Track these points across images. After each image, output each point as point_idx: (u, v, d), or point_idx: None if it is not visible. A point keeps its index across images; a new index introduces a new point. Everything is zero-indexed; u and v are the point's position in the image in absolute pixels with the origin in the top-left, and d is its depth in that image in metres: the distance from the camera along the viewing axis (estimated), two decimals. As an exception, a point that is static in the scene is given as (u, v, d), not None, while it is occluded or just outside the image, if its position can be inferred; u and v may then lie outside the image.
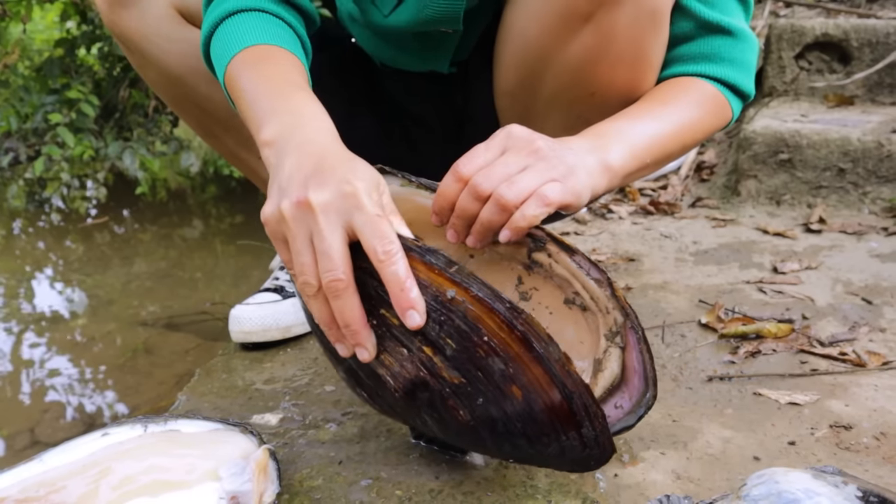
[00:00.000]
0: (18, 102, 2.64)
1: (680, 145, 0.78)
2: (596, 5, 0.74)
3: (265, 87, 0.67)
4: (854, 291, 1.15)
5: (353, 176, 0.57)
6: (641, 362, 0.61)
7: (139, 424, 0.72)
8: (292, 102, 0.66)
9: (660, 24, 0.78)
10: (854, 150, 1.50)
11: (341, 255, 0.55)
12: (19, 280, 2.11)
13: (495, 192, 0.62)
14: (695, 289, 1.19)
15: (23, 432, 1.24)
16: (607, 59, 0.79)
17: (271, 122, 0.64)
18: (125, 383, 1.41)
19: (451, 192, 0.64)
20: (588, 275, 0.62)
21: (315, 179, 0.57)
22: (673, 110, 0.79)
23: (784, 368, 0.93)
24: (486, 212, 0.63)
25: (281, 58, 0.71)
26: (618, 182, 0.71)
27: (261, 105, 0.66)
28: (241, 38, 0.73)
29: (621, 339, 0.62)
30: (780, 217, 1.53)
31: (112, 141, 2.55)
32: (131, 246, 2.41)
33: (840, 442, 0.77)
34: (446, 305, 0.53)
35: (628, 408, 0.63)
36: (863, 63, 1.75)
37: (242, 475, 0.66)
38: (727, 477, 0.72)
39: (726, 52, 0.82)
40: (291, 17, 0.78)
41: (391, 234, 0.55)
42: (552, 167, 0.64)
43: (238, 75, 0.71)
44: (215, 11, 0.77)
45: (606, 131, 0.73)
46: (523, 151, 0.64)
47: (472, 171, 0.63)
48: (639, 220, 1.59)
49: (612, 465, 0.74)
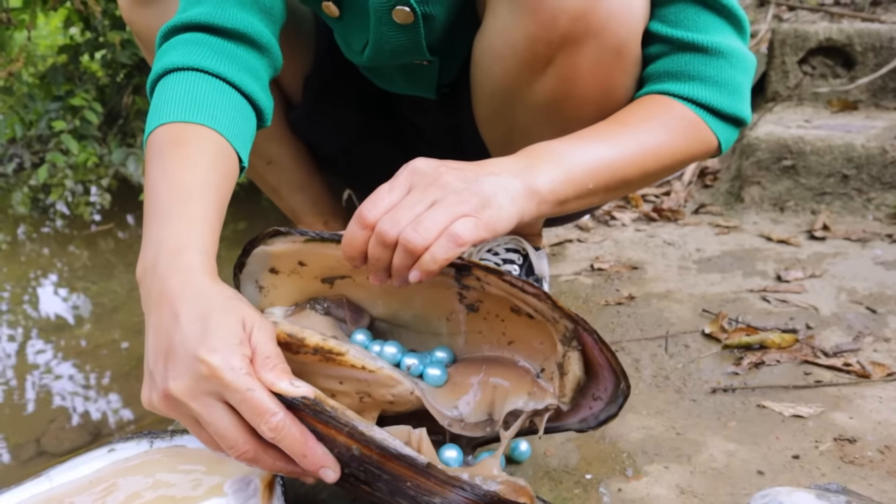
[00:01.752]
0: (23, 109, 2.65)
1: (640, 172, 0.72)
2: (555, 49, 0.72)
3: (156, 194, 0.64)
4: (858, 300, 1.15)
5: (206, 350, 0.53)
6: (605, 358, 0.61)
7: (145, 440, 0.72)
8: (169, 226, 0.62)
9: (626, 58, 0.74)
10: (858, 157, 1.50)
11: (234, 431, 0.55)
12: (24, 287, 2.12)
13: (400, 237, 0.57)
14: (698, 297, 1.19)
15: (29, 442, 1.25)
16: (573, 99, 0.76)
17: (144, 250, 0.62)
18: (130, 392, 1.41)
19: (359, 240, 0.60)
20: (524, 291, 0.61)
21: (171, 364, 0.55)
22: (633, 133, 0.72)
23: (788, 380, 0.93)
24: (396, 258, 0.58)
25: (190, 147, 0.67)
26: (550, 208, 0.66)
27: (147, 216, 0.64)
28: (163, 108, 0.69)
29: (577, 341, 0.62)
30: (784, 224, 1.53)
31: (116, 147, 2.56)
32: (135, 252, 2.42)
33: (844, 455, 0.77)
34: (357, 458, 0.57)
35: (607, 398, 0.63)
36: (867, 68, 1.75)
37: (247, 491, 0.66)
38: (731, 492, 0.72)
39: (697, 69, 0.75)
40: (237, 70, 0.73)
41: (268, 405, 0.53)
42: (463, 200, 0.59)
43: (150, 158, 0.67)
44: (160, 62, 0.73)
45: (541, 153, 0.67)
46: (431, 187, 0.59)
47: (377, 216, 0.59)
48: (642, 226, 1.59)
49: (616, 479, 0.74)
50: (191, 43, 0.73)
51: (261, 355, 0.56)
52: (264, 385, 0.54)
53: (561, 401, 0.64)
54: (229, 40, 0.74)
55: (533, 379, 0.67)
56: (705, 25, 0.74)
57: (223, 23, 0.73)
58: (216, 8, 0.73)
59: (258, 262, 0.71)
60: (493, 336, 0.70)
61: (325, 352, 0.63)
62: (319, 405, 0.55)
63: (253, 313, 0.59)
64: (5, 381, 1.50)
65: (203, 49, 0.72)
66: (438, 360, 0.71)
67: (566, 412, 0.66)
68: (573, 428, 0.66)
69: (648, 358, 1.00)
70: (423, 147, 1.04)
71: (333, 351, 0.63)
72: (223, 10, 0.73)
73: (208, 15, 0.73)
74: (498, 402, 0.67)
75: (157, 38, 0.76)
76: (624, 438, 0.81)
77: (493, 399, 0.67)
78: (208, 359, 0.53)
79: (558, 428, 0.67)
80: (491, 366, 0.69)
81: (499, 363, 0.69)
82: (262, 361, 0.56)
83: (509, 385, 0.67)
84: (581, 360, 0.63)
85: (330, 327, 0.70)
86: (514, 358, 0.69)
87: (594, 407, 0.65)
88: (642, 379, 0.95)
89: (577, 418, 0.66)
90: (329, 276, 0.72)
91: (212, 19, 0.73)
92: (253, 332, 0.57)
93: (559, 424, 0.67)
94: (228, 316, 0.56)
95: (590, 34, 0.71)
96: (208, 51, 0.72)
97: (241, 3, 0.74)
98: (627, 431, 0.82)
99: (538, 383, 0.66)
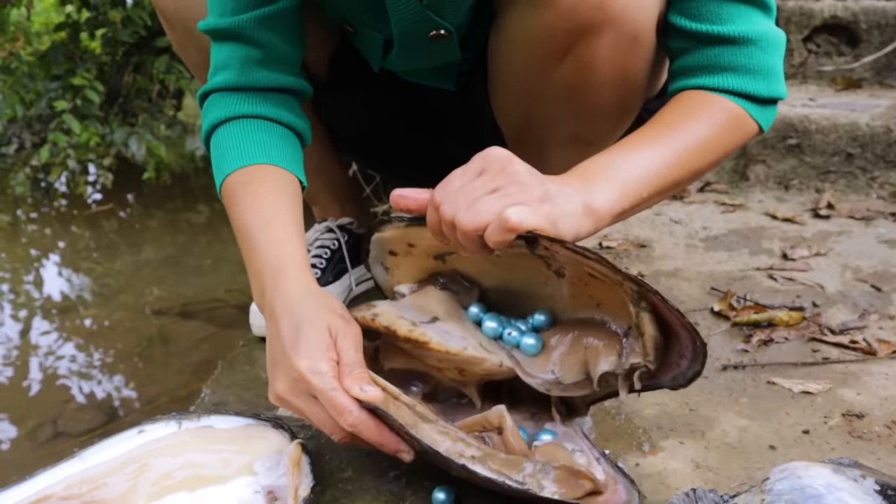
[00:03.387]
0: (22, 89, 2.64)
1: (689, 171, 0.73)
2: (574, 38, 0.73)
3: (244, 233, 0.76)
4: (863, 278, 1.17)
5: (297, 357, 0.64)
6: (678, 317, 0.63)
7: (173, 421, 0.73)
8: (262, 257, 0.73)
9: (643, 44, 0.75)
10: (862, 135, 1.51)
11: (330, 422, 0.64)
12: (28, 268, 2.13)
13: (455, 219, 0.62)
14: (706, 276, 1.21)
15: (46, 424, 1.27)
16: (591, 86, 0.77)
17: (253, 282, 0.75)
18: (143, 373, 1.43)
19: (433, 220, 0.66)
20: (586, 257, 0.63)
21: (276, 370, 0.67)
22: (678, 133, 0.72)
23: (796, 357, 0.95)
24: (459, 237, 0.63)
25: (257, 186, 0.77)
26: (606, 223, 0.68)
27: (244, 252, 0.76)
28: (224, 160, 0.80)
29: (646, 303, 0.64)
30: (789, 202, 1.54)
31: (118, 127, 2.55)
32: (138, 232, 2.42)
33: (853, 430, 0.79)
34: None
35: (690, 355, 0.65)
36: (871, 46, 1.75)
37: (277, 469, 0.68)
38: (745, 466, 0.74)
39: (729, 60, 0.74)
40: (271, 107, 0.82)
41: (346, 404, 0.62)
42: (524, 191, 0.61)
43: (230, 204, 0.79)
44: (206, 119, 0.83)
45: (594, 170, 0.69)
46: (498, 175, 0.62)
47: (444, 198, 0.63)
48: (647, 205, 1.60)
49: (633, 454, 0.76)
50: (226, 97, 0.82)
51: (343, 361, 0.65)
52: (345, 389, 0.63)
53: (647, 360, 0.66)
54: (258, 93, 0.83)
55: (620, 339, 0.69)
56: (729, 15, 0.74)
57: (248, 84, 0.82)
58: (240, 75, 0.82)
59: (377, 247, 0.80)
60: (582, 299, 0.72)
61: (413, 341, 0.71)
62: (379, 409, 0.63)
63: (338, 321, 0.68)
64: (18, 363, 1.51)
65: (238, 99, 0.82)
66: (538, 321, 0.75)
67: (659, 371, 0.67)
68: (667, 385, 0.68)
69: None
70: (442, 132, 1.05)
71: (419, 340, 0.70)
72: (246, 75, 0.82)
73: (233, 82, 0.82)
74: (591, 363, 0.70)
75: (197, 99, 0.86)
76: (639, 415, 0.83)
77: (587, 359, 0.70)
78: (299, 365, 0.64)
79: (654, 386, 0.69)
80: (584, 328, 0.72)
81: (591, 325, 0.72)
82: (343, 368, 0.64)
83: (601, 345, 0.70)
84: (653, 321, 0.64)
85: (447, 301, 0.77)
86: (604, 319, 0.71)
87: (681, 364, 0.66)
88: (654, 357, 0.96)
89: (669, 376, 0.67)
90: (439, 253, 0.78)
91: (238, 84, 0.82)
92: (338, 339, 0.66)
93: (654, 382, 0.68)
94: (316, 325, 0.67)
95: (607, 22, 0.71)
96: (243, 99, 0.82)
97: (262, 63, 0.82)
98: (642, 408, 0.84)
99: (626, 343, 0.68)
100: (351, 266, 1.14)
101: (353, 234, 1.16)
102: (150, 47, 2.66)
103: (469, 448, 0.64)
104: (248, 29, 0.81)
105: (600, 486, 0.63)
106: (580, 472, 0.63)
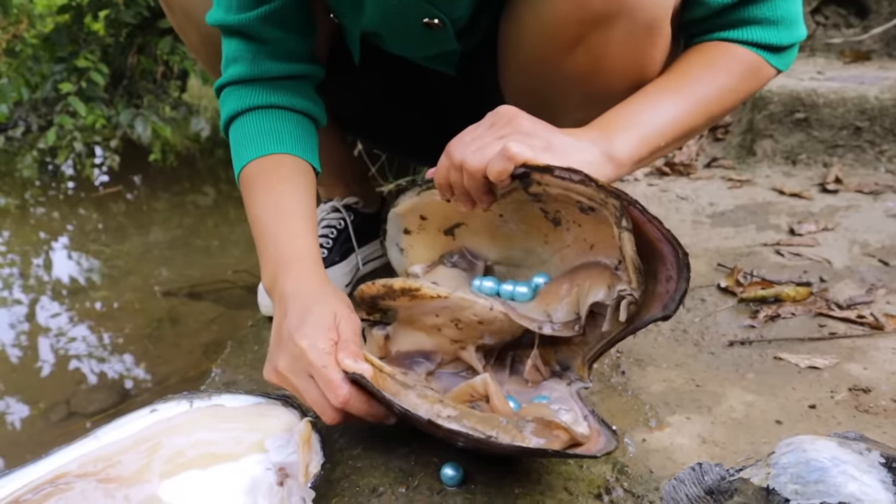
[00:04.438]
0: (27, 72, 2.63)
1: (706, 118, 0.76)
2: (587, 27, 0.73)
3: (259, 222, 0.79)
4: (871, 253, 1.16)
5: (300, 336, 0.69)
6: (656, 227, 0.63)
7: (185, 400, 0.74)
8: (277, 246, 0.78)
9: (658, 35, 0.75)
10: (871, 109, 1.50)
11: (322, 401, 0.68)
12: (37, 250, 2.14)
13: (463, 160, 0.67)
14: (713, 252, 1.20)
15: (59, 404, 1.28)
16: (604, 75, 0.77)
17: (264, 269, 0.78)
18: (153, 353, 1.44)
19: (442, 168, 0.70)
20: (572, 180, 0.64)
21: (279, 347, 0.71)
22: (696, 83, 0.76)
23: (803, 332, 0.95)
24: (466, 180, 0.68)
25: (278, 177, 0.81)
26: (627, 170, 0.71)
27: (257, 240, 0.80)
28: (241, 150, 0.83)
29: (626, 220, 0.64)
30: (796, 177, 1.54)
31: (123, 109, 2.55)
32: (146, 214, 2.43)
33: (859, 405, 0.79)
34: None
35: (675, 274, 0.64)
36: (881, 17, 1.73)
37: (288, 447, 0.69)
38: (751, 440, 0.74)
39: (750, 14, 0.76)
40: (284, 95, 0.84)
41: (339, 381, 0.66)
42: (528, 138, 0.66)
43: (246, 194, 0.82)
44: (223, 111, 0.85)
45: (614, 120, 0.72)
46: (506, 126, 0.68)
47: (455, 146, 0.69)
48: (654, 181, 1.59)
49: (640, 429, 0.77)
50: (240, 89, 0.85)
51: (342, 340, 0.69)
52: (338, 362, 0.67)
53: (631, 287, 0.66)
54: (270, 82, 0.85)
55: (612, 273, 0.70)
56: None
57: (260, 75, 0.84)
58: (251, 67, 0.83)
59: (393, 225, 0.84)
60: (578, 246, 0.75)
61: (407, 290, 0.75)
62: (363, 379, 0.66)
63: (342, 307, 0.72)
64: (30, 345, 1.53)
65: (251, 91, 0.84)
66: (537, 284, 0.78)
67: (649, 304, 0.67)
68: (658, 317, 0.67)
69: (666, 313, 1.02)
70: (447, 113, 1.04)
71: (412, 288, 0.75)
72: (257, 66, 0.84)
73: (245, 74, 0.84)
74: (582, 299, 0.71)
75: (214, 91, 0.88)
76: (645, 391, 0.84)
77: (578, 298, 0.72)
78: (300, 343, 0.68)
79: (647, 321, 0.69)
80: (578, 271, 0.74)
81: (585, 268, 0.74)
82: (341, 344, 0.69)
83: (592, 281, 0.71)
84: (632, 240, 0.64)
85: (456, 278, 0.81)
86: (597, 259, 0.73)
87: (669, 288, 0.66)
88: (661, 333, 0.97)
89: (659, 307, 0.67)
90: (448, 227, 0.82)
91: (250, 76, 0.84)
92: (340, 323, 0.71)
93: (648, 318, 0.68)
94: (322, 309, 0.71)
95: (622, 12, 0.71)
96: (257, 90, 0.84)
97: (272, 55, 0.84)
98: (649, 384, 0.85)
99: (616, 276, 0.69)
100: (357, 245, 1.14)
101: (359, 214, 1.16)
102: (153, 28, 2.65)
103: (446, 409, 0.67)
104: (253, 28, 0.82)
105: (578, 437, 0.64)
106: (553, 423, 0.64)
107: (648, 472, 0.70)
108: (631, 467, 0.70)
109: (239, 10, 0.82)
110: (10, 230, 2.31)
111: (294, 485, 0.64)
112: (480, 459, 0.71)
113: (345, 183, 1.17)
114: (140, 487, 0.65)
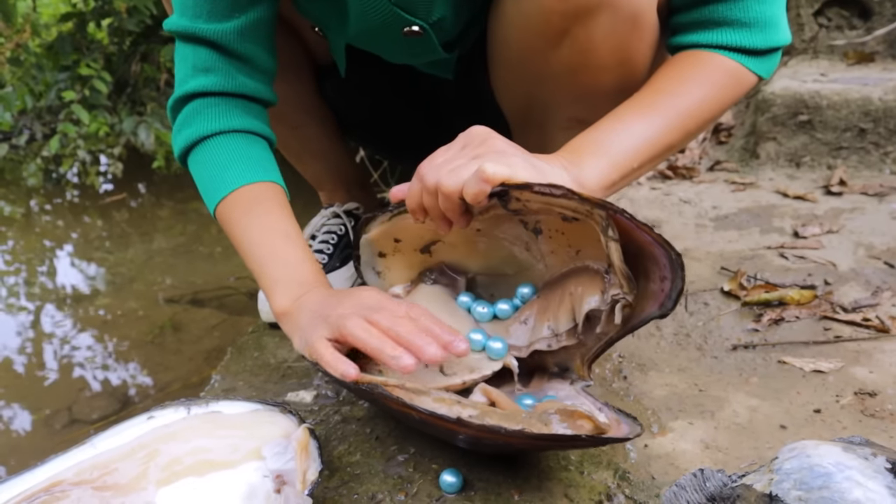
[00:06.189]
0: (31, 80, 2.65)
1: (682, 133, 0.73)
2: (570, 20, 0.72)
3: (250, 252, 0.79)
4: (876, 255, 1.15)
5: (310, 334, 0.70)
6: (648, 233, 0.62)
7: (182, 407, 0.74)
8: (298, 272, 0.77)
9: (643, 26, 0.74)
10: (875, 110, 1.49)
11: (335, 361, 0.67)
12: (42, 258, 2.14)
13: (438, 182, 0.64)
14: (716, 255, 1.20)
15: (61, 411, 1.28)
16: (590, 69, 0.76)
17: (278, 292, 0.76)
18: (155, 360, 1.44)
19: (415, 192, 0.68)
20: (553, 196, 0.63)
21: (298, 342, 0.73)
22: (671, 99, 0.72)
23: (808, 336, 0.94)
24: (441, 203, 0.66)
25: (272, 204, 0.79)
26: (600, 196, 0.68)
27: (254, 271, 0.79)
28: (222, 178, 0.80)
29: (612, 230, 0.63)
30: (800, 179, 1.52)
31: (126, 116, 2.55)
32: (149, 222, 2.43)
33: (865, 409, 0.78)
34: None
35: (670, 274, 0.63)
36: (884, 18, 1.72)
37: (285, 454, 0.68)
38: (755, 446, 0.73)
39: (723, 14, 0.73)
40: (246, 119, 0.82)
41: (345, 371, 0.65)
42: (503, 158, 0.63)
43: (227, 228, 0.81)
44: (187, 130, 0.82)
45: (583, 145, 0.70)
46: (480, 147, 0.65)
47: (427, 169, 0.66)
48: (657, 184, 1.59)
49: (642, 435, 0.76)
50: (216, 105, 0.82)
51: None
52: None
53: (623, 291, 0.65)
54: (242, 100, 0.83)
55: (602, 277, 0.69)
56: None
57: (236, 91, 0.82)
58: (227, 80, 0.81)
59: (366, 250, 0.82)
60: (563, 253, 0.73)
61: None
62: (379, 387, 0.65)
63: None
64: (33, 352, 1.53)
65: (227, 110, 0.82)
66: (524, 295, 0.78)
67: (645, 304, 0.66)
68: (656, 315, 0.66)
69: (669, 316, 1.01)
70: (444, 117, 1.04)
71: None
72: (233, 80, 0.82)
73: (221, 86, 0.81)
74: (577, 306, 0.70)
75: (173, 103, 0.84)
76: (648, 396, 0.83)
77: (573, 305, 0.71)
78: (310, 340, 0.69)
79: (645, 320, 0.67)
80: (568, 279, 0.73)
81: (574, 274, 0.72)
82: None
83: (581, 289, 0.70)
84: (619, 250, 0.63)
85: (438, 295, 0.79)
86: (585, 263, 0.71)
87: (665, 287, 0.65)
88: (664, 337, 0.96)
89: (656, 305, 0.66)
90: (424, 246, 0.81)
91: (226, 89, 0.81)
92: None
93: (645, 317, 0.67)
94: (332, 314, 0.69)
95: (604, 4, 0.70)
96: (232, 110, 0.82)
97: (247, 73, 0.82)
98: (651, 389, 0.84)
99: (608, 279, 0.68)
100: (358, 251, 1.14)
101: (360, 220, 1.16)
102: (156, 36, 2.66)
103: (466, 409, 0.65)
104: (231, 42, 0.80)
105: (602, 426, 0.63)
106: (576, 412, 0.63)
107: (650, 478, 0.69)
108: (633, 473, 0.69)
109: (210, 19, 0.79)
110: (15, 238, 2.31)
111: (291, 492, 0.63)
112: (480, 466, 0.70)
113: (346, 189, 1.16)
114: (136, 495, 0.65)
